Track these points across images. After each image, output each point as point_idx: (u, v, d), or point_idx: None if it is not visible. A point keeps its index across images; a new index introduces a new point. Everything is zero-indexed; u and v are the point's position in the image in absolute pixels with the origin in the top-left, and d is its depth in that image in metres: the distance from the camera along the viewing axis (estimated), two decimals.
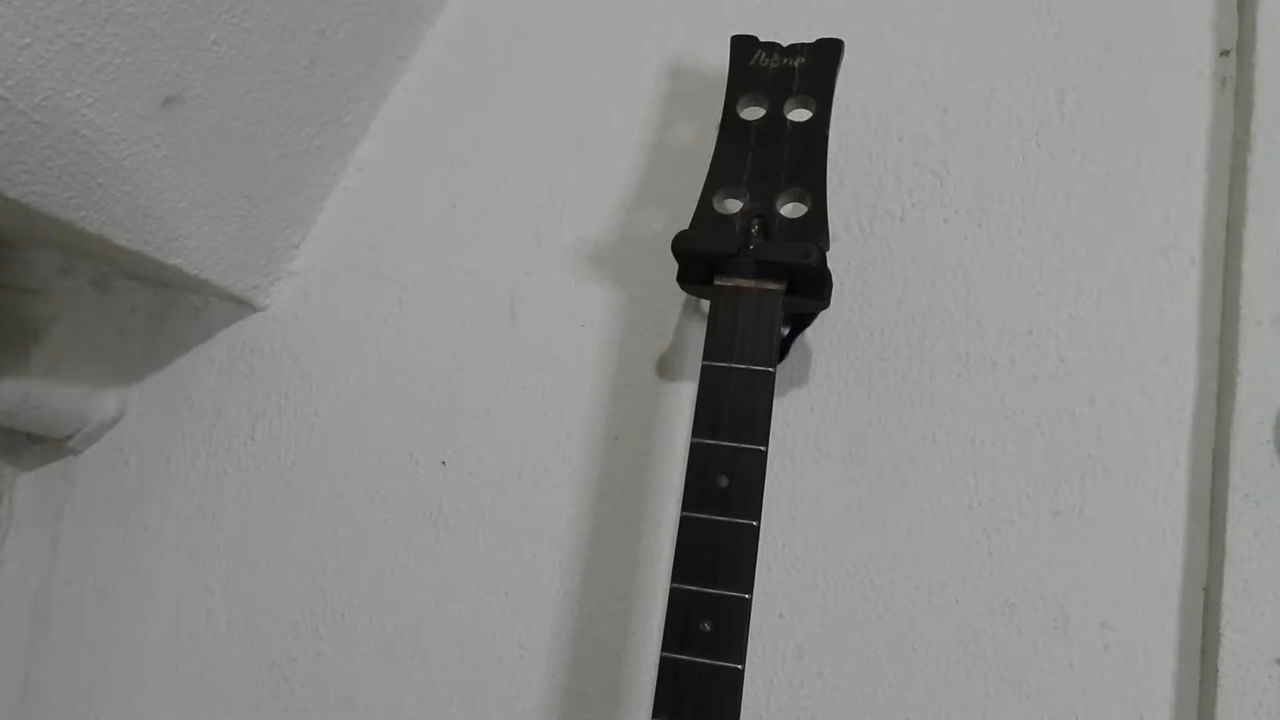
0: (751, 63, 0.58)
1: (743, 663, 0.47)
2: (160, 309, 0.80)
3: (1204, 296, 0.59)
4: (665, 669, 0.48)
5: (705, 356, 0.52)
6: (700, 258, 0.54)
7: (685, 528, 0.50)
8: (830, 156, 0.55)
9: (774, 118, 0.57)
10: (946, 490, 0.60)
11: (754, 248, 0.53)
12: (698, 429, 0.51)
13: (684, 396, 0.65)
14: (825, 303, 0.55)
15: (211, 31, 0.61)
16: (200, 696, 0.71)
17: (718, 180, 0.56)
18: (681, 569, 0.49)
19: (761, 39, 0.59)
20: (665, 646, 0.48)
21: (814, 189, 0.54)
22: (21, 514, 0.80)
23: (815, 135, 0.56)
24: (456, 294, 0.73)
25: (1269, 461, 0.53)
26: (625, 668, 0.63)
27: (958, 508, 0.59)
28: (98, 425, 0.78)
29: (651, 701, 0.48)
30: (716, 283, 0.53)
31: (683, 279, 0.56)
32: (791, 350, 0.64)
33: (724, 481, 0.50)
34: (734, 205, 0.55)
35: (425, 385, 0.71)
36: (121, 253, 0.63)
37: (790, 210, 0.54)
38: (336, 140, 0.76)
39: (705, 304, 0.58)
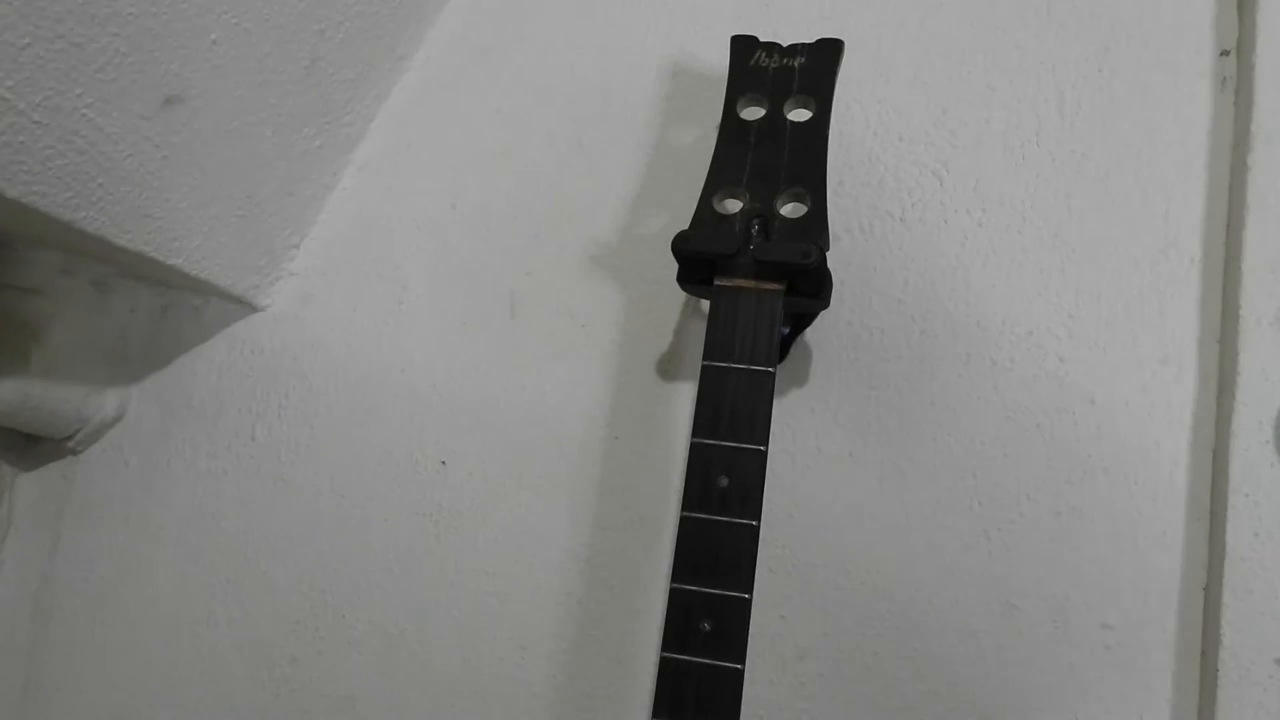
0: (751, 63, 0.58)
1: (743, 663, 0.47)
2: (160, 309, 0.80)
3: (1204, 296, 0.59)
4: (665, 669, 0.48)
5: (705, 356, 0.52)
6: (700, 258, 0.54)
7: (685, 528, 0.50)
8: (830, 156, 0.55)
9: (774, 118, 0.57)
10: (946, 490, 0.60)
11: (754, 248, 0.53)
12: (698, 429, 0.51)
13: (684, 396, 0.65)
14: (825, 303, 0.55)
15: (211, 31, 0.61)
16: (200, 696, 0.71)
17: (718, 180, 0.56)
18: (681, 569, 0.49)
19: (761, 39, 0.59)
20: (665, 646, 0.48)
21: (814, 189, 0.54)
22: (21, 514, 0.80)
23: (815, 135, 0.56)
24: (456, 294, 0.73)
25: (1269, 461, 0.53)
26: (625, 668, 0.63)
27: (958, 508, 0.59)
28: (98, 425, 0.78)
29: (651, 701, 0.48)
30: (716, 283, 0.53)
31: (683, 279, 0.56)
32: (791, 350, 0.64)
33: (724, 481, 0.50)
34: (734, 205, 0.55)
35: (425, 385, 0.71)
36: (121, 253, 0.63)
37: (790, 210, 0.54)
38: (336, 140, 0.76)
39: (705, 304, 0.58)
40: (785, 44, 0.58)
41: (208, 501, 0.75)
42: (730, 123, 0.57)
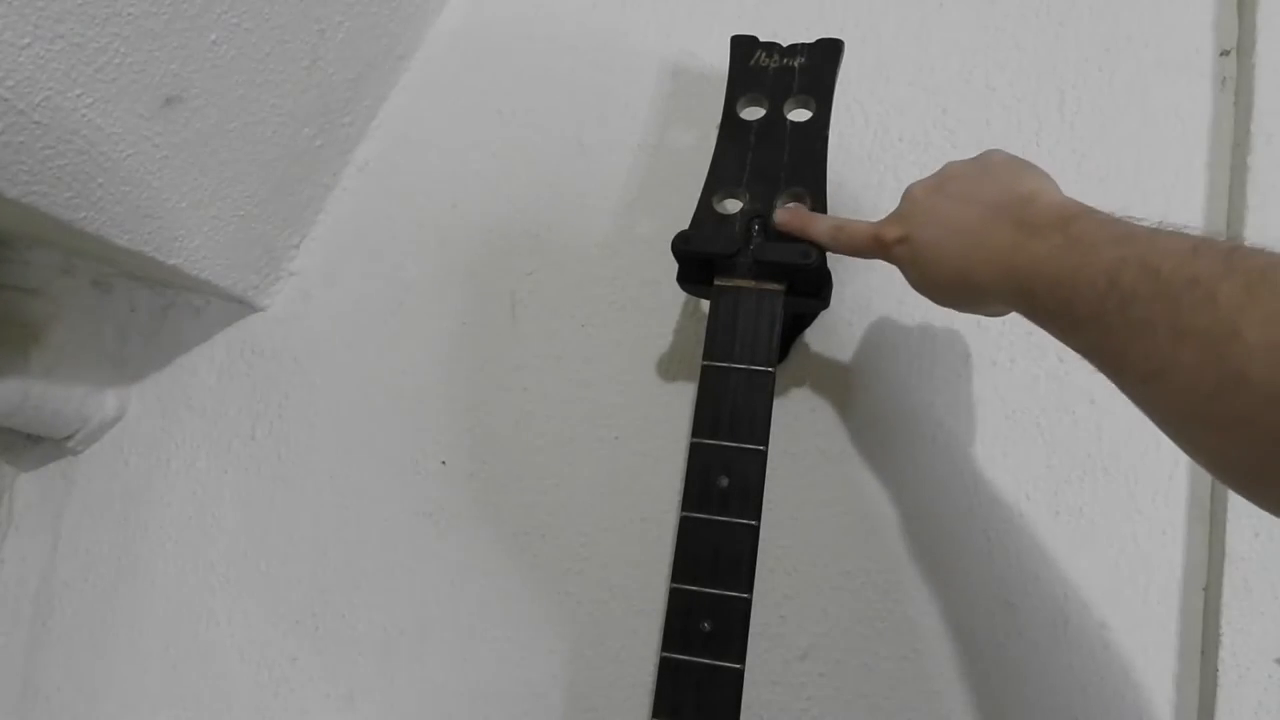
0: (751, 63, 0.58)
1: (743, 663, 0.47)
2: (160, 309, 0.80)
3: None
4: (665, 669, 0.48)
5: (705, 356, 0.52)
6: (700, 258, 0.54)
7: (685, 528, 0.50)
8: (830, 156, 0.55)
9: (774, 118, 0.57)
10: (945, 490, 0.60)
11: (754, 248, 0.53)
12: (698, 429, 0.51)
13: (684, 396, 0.65)
14: (825, 303, 0.55)
15: (211, 31, 0.61)
16: (200, 696, 0.72)
17: (718, 180, 0.56)
18: (681, 569, 0.49)
19: (761, 39, 0.59)
20: (665, 646, 0.48)
21: (814, 189, 0.54)
22: (21, 514, 0.80)
23: (815, 135, 0.56)
24: (456, 294, 0.73)
25: None
26: (625, 668, 0.63)
27: (957, 508, 0.59)
28: (98, 425, 0.78)
29: (651, 701, 0.48)
30: (716, 283, 0.53)
31: (683, 279, 0.56)
32: (791, 350, 0.64)
33: (724, 481, 0.50)
34: (734, 205, 0.55)
35: (425, 385, 0.71)
36: (121, 253, 0.64)
37: None
38: (336, 140, 0.76)
39: (705, 304, 0.58)
40: (785, 44, 0.58)
41: (208, 501, 0.75)
42: (730, 123, 0.57)
